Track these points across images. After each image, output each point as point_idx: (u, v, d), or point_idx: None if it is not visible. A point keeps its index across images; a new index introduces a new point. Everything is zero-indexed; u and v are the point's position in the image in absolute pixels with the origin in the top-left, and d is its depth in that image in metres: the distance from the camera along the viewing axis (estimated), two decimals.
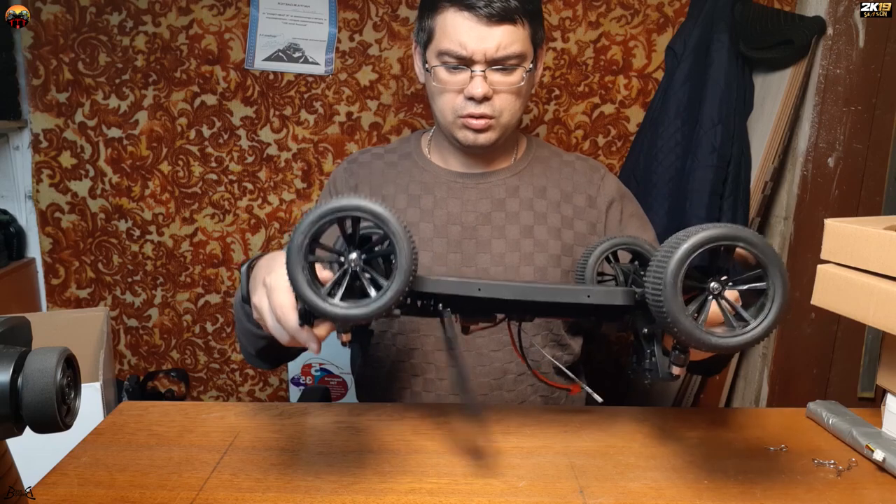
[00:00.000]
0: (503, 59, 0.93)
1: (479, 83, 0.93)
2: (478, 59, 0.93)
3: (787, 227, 1.76)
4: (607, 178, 1.08)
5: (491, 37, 0.92)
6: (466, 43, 0.92)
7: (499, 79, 0.95)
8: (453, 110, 0.98)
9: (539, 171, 1.07)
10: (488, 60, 0.93)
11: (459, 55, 0.93)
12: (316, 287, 0.57)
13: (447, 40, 0.94)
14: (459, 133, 0.99)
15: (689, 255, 0.55)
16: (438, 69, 0.96)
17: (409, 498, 0.67)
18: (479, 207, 1.03)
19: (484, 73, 0.93)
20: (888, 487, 0.70)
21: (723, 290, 0.58)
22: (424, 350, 1.01)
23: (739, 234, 0.55)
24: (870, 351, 1.74)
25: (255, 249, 1.97)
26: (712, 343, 0.56)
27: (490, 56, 0.93)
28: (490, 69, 0.94)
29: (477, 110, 0.95)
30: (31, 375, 0.48)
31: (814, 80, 1.67)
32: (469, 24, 0.92)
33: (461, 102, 0.96)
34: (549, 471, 0.72)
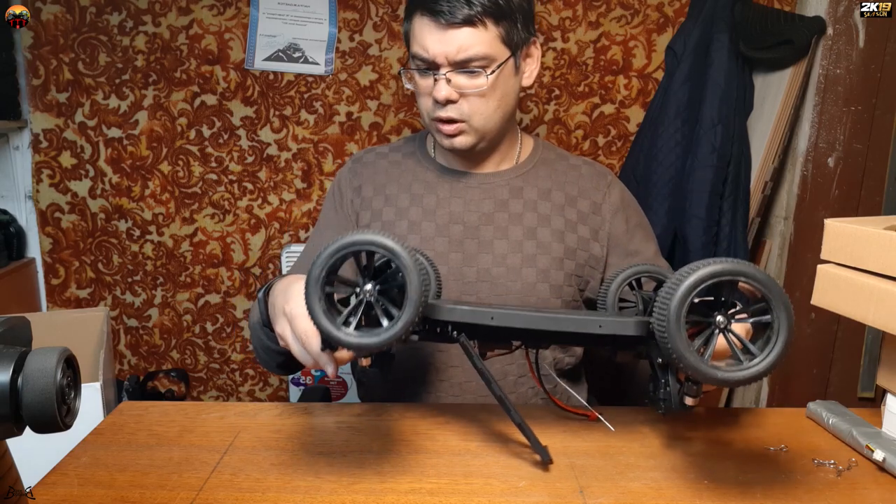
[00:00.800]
0: (465, 61, 0.94)
1: (441, 86, 0.95)
2: (440, 63, 0.94)
3: (787, 227, 1.76)
4: (614, 185, 1.08)
5: (451, 40, 0.93)
6: (428, 46, 0.94)
7: (464, 82, 0.96)
8: (427, 113, 1.00)
9: (544, 173, 1.06)
10: (451, 63, 0.94)
11: (424, 58, 0.95)
12: (332, 317, 0.60)
13: (416, 44, 0.96)
14: (437, 136, 1.02)
15: (690, 293, 0.56)
16: (412, 73, 0.99)
17: (409, 498, 0.67)
18: (482, 207, 1.03)
19: (446, 76, 0.95)
20: (888, 487, 0.70)
21: (729, 324, 0.59)
22: (424, 352, 1.01)
23: (741, 270, 0.56)
24: (870, 351, 1.74)
25: (255, 250, 1.97)
26: (718, 378, 0.58)
27: (451, 59, 0.94)
28: (455, 72, 0.95)
29: (444, 114, 0.97)
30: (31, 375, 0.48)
31: (814, 80, 1.67)
32: (431, 28, 0.94)
33: (432, 105, 0.98)
34: (549, 471, 0.72)
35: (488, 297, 1.00)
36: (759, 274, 0.56)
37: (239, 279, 1.99)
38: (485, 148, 1.03)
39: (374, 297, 0.61)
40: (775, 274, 1.80)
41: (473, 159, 1.05)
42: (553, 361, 1.03)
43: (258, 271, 1.99)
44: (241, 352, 2.04)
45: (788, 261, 1.74)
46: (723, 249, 1.61)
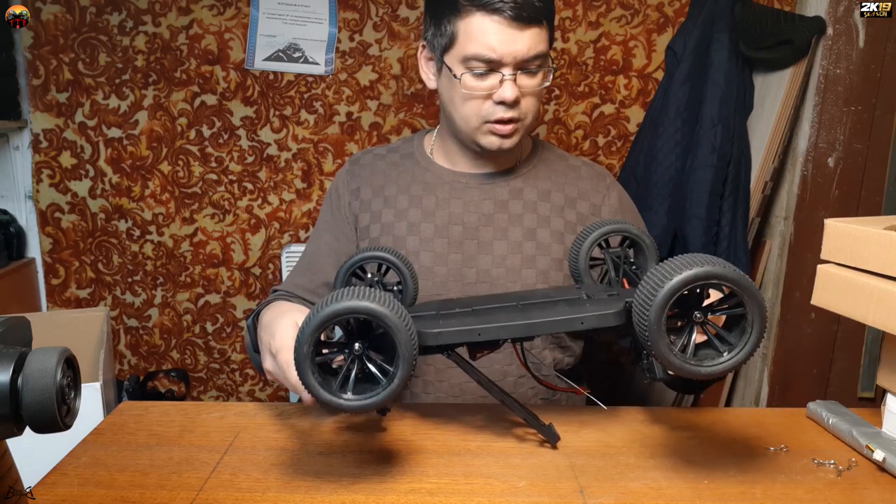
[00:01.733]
0: (531, 60, 0.93)
1: (510, 87, 0.92)
2: (507, 63, 0.92)
3: (787, 227, 1.76)
4: (613, 187, 1.07)
5: (520, 40, 0.91)
6: (496, 46, 0.91)
7: (525, 81, 0.94)
8: (480, 116, 0.96)
9: (544, 174, 1.06)
10: (517, 64, 0.92)
11: (489, 59, 0.92)
12: (328, 384, 0.61)
13: (474, 44, 0.92)
14: (484, 139, 0.98)
15: (667, 302, 0.58)
16: (466, 77, 0.94)
17: (409, 498, 0.67)
18: (482, 208, 1.03)
19: (514, 76, 0.93)
20: (888, 487, 0.70)
21: (705, 318, 0.61)
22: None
23: (713, 273, 0.58)
24: (870, 351, 1.74)
25: (255, 250, 1.97)
26: (702, 373, 0.60)
27: (520, 59, 0.92)
28: (518, 72, 0.93)
29: (506, 115, 0.94)
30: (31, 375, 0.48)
31: (814, 80, 1.67)
32: (498, 28, 0.90)
33: (489, 108, 0.95)
34: (549, 471, 0.72)
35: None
36: (730, 273, 0.58)
37: (239, 279, 1.99)
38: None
39: (366, 355, 0.62)
40: (775, 274, 1.80)
41: (484, 159, 1.04)
42: (552, 362, 1.03)
43: (258, 271, 1.99)
44: (241, 352, 2.04)
45: (788, 261, 1.74)
46: (723, 249, 1.61)
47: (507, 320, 0.68)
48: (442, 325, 0.69)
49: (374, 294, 0.60)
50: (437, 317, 0.72)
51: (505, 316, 0.70)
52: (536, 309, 0.71)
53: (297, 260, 1.92)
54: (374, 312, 0.59)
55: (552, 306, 0.72)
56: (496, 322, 0.68)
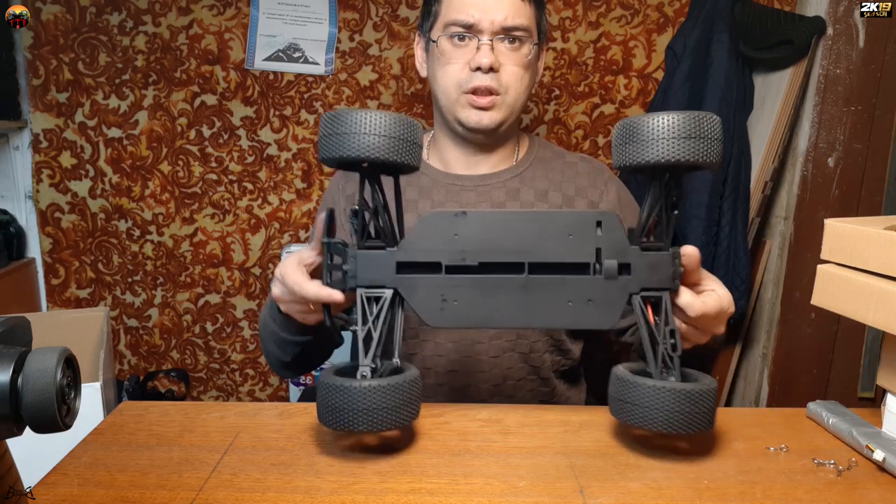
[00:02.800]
0: (511, 28, 0.93)
1: (486, 52, 0.92)
2: (485, 28, 0.92)
3: (787, 227, 1.76)
4: (611, 182, 1.06)
5: (499, 6, 0.92)
6: (472, 11, 0.92)
7: (506, 51, 0.94)
8: (458, 85, 0.95)
9: (541, 173, 1.05)
10: (495, 30, 0.92)
11: (466, 23, 0.92)
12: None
13: (454, 11, 0.93)
14: (463, 113, 0.97)
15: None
16: (443, 40, 0.95)
17: (409, 498, 0.67)
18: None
19: (491, 42, 0.93)
20: (888, 487, 0.70)
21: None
22: (423, 355, 1.00)
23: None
24: (870, 351, 1.74)
25: (255, 249, 1.97)
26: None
27: (498, 24, 0.92)
28: (497, 40, 0.93)
29: (483, 82, 0.93)
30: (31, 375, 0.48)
31: (814, 80, 1.67)
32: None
33: (466, 75, 0.94)
34: (549, 471, 0.72)
35: None
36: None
37: (239, 279, 1.99)
38: (498, 139, 1.02)
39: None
40: (775, 274, 1.80)
41: (477, 155, 1.04)
42: (551, 364, 1.03)
43: (258, 271, 1.99)
44: (241, 352, 2.04)
45: (788, 261, 1.74)
46: (723, 249, 1.61)
47: (507, 309, 0.69)
48: (445, 314, 0.69)
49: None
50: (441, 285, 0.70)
51: (506, 300, 0.69)
52: (540, 291, 0.69)
53: None
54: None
55: (558, 288, 0.69)
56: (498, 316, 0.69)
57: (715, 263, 1.62)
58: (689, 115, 0.62)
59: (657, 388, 0.65)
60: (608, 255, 0.68)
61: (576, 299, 0.69)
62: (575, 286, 0.69)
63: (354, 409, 0.64)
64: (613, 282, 0.69)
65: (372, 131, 0.64)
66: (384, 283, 0.70)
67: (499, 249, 0.69)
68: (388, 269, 0.70)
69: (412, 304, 0.70)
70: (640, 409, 0.66)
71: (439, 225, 0.69)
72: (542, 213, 0.71)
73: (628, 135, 0.65)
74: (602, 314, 0.69)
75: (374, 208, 0.70)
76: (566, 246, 0.69)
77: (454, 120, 0.99)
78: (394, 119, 0.65)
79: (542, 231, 0.69)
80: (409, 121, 0.67)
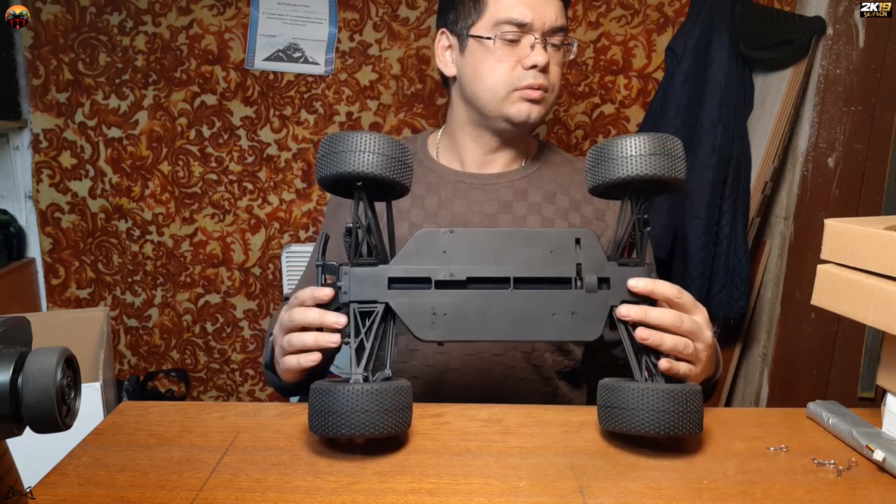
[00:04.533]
0: (558, 29, 0.96)
1: (541, 51, 0.94)
2: (537, 28, 0.94)
3: (787, 227, 1.76)
4: None
5: (550, 6, 0.95)
6: (528, 10, 0.94)
7: (552, 50, 0.97)
8: (509, 83, 0.96)
9: (549, 176, 1.05)
10: (546, 30, 0.95)
11: (521, 22, 0.94)
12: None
13: (506, 9, 0.94)
14: (513, 108, 0.97)
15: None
16: (495, 41, 0.96)
17: (409, 498, 0.67)
18: (486, 209, 1.02)
19: (544, 42, 0.95)
20: (888, 487, 0.70)
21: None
22: (424, 352, 1.01)
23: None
24: (870, 351, 1.74)
25: (255, 250, 1.97)
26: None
27: (549, 25, 0.95)
28: (546, 39, 0.96)
29: (536, 81, 0.95)
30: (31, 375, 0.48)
31: (814, 80, 1.67)
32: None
33: (519, 73, 0.96)
34: (549, 471, 0.72)
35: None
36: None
37: (239, 279, 1.99)
38: (522, 135, 1.04)
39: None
40: (775, 274, 1.80)
41: (491, 155, 1.04)
42: (552, 364, 1.03)
43: (258, 271, 1.99)
44: (241, 352, 2.04)
45: (788, 261, 1.74)
46: (723, 249, 1.61)
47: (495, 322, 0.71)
48: (434, 327, 0.71)
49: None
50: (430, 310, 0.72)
51: (494, 314, 0.71)
52: (525, 304, 0.72)
53: (296, 259, 1.93)
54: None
55: (542, 301, 0.72)
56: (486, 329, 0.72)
57: (715, 263, 1.62)
58: (654, 136, 0.68)
59: (641, 388, 0.67)
60: (588, 271, 0.72)
61: (560, 311, 0.72)
62: (558, 299, 0.72)
63: (341, 411, 0.66)
64: (594, 295, 0.72)
65: (368, 149, 0.67)
66: (376, 298, 0.72)
67: (485, 265, 0.73)
68: (380, 285, 0.72)
69: (403, 317, 0.72)
70: (626, 412, 0.68)
71: (429, 242, 0.73)
72: (525, 231, 0.74)
73: (600, 157, 0.70)
74: (586, 326, 0.72)
75: (367, 226, 0.72)
76: (548, 262, 0.73)
77: (499, 116, 0.99)
78: (388, 140, 0.69)
79: (526, 248, 0.73)
80: (401, 143, 0.70)
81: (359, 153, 0.67)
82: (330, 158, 0.68)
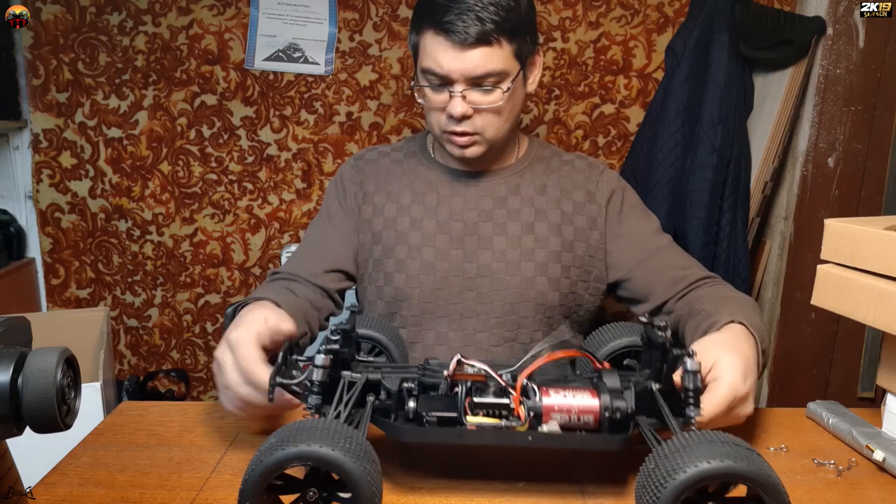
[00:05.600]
0: (481, 77, 0.95)
1: (457, 103, 0.95)
2: (456, 79, 0.95)
3: (787, 227, 1.76)
4: (606, 172, 1.09)
5: (468, 58, 0.93)
6: (442, 63, 0.94)
7: (479, 98, 0.96)
8: (440, 126, 1.00)
9: (540, 169, 1.08)
10: (466, 80, 0.95)
11: (438, 74, 0.95)
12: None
13: (428, 59, 0.96)
14: (448, 146, 1.02)
15: (680, 495, 0.52)
16: (425, 88, 0.99)
17: (409, 498, 0.67)
18: (481, 205, 1.05)
19: (463, 92, 0.95)
20: (888, 487, 0.70)
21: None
22: (426, 344, 1.02)
23: (733, 470, 0.51)
24: (870, 351, 1.74)
25: (255, 249, 1.97)
26: None
27: (468, 76, 0.94)
28: (470, 88, 0.96)
29: (458, 128, 0.97)
30: (31, 375, 0.48)
31: (814, 80, 1.67)
32: (444, 46, 0.93)
33: (444, 120, 0.98)
34: (549, 471, 0.72)
35: (488, 293, 1.01)
36: (752, 470, 0.52)
37: (239, 279, 1.99)
38: (489, 156, 1.05)
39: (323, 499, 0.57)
40: (775, 274, 1.80)
41: (475, 160, 1.06)
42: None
43: (258, 271, 1.99)
44: None
45: (788, 261, 1.74)
46: (723, 249, 1.61)
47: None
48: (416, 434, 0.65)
49: (345, 437, 0.54)
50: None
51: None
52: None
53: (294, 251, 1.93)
54: (333, 461, 0.52)
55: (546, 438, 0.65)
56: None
57: (715, 263, 1.62)
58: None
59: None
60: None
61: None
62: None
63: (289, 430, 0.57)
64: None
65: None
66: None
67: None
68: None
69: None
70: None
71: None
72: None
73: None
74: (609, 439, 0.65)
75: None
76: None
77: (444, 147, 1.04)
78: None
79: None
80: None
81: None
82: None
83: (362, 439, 0.56)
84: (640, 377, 0.70)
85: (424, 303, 1.02)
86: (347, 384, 0.66)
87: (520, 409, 0.64)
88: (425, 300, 1.02)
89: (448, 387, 0.66)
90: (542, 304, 1.01)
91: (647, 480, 0.54)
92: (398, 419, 0.67)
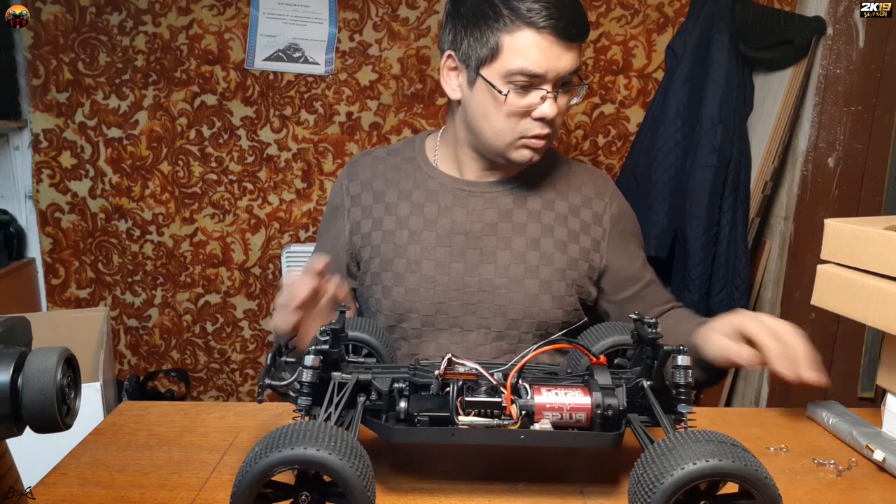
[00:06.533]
0: (571, 75, 0.93)
1: (551, 105, 0.91)
2: (550, 79, 0.91)
3: (787, 227, 1.76)
4: (615, 196, 1.07)
5: (565, 57, 0.91)
6: (542, 62, 0.89)
7: (562, 100, 0.94)
8: (516, 132, 0.94)
9: (548, 182, 1.05)
10: (559, 80, 0.92)
11: (534, 74, 0.90)
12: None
13: (520, 59, 0.90)
14: (516, 153, 0.96)
15: (673, 495, 0.53)
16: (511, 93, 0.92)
17: (409, 498, 0.67)
18: (485, 217, 1.01)
19: (556, 94, 0.92)
20: (888, 487, 0.70)
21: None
22: (426, 356, 1.00)
23: (724, 469, 0.52)
24: (870, 351, 1.74)
25: (255, 250, 1.97)
26: None
27: (562, 75, 0.91)
28: (559, 89, 0.93)
29: (543, 131, 0.93)
30: (31, 375, 0.48)
31: (814, 80, 1.67)
32: (546, 44, 0.89)
33: (526, 124, 0.93)
34: (549, 471, 0.72)
35: (490, 308, 0.98)
36: (741, 468, 0.53)
37: (239, 279, 1.99)
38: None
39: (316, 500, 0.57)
40: (775, 274, 1.80)
41: (492, 168, 1.03)
42: (551, 362, 1.03)
43: (258, 271, 1.99)
44: (241, 352, 2.04)
45: (788, 261, 1.74)
46: (723, 249, 1.61)
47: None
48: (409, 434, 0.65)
49: (329, 435, 0.54)
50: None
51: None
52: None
53: (296, 259, 1.93)
54: (328, 465, 0.53)
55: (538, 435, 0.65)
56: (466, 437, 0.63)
57: (715, 263, 1.62)
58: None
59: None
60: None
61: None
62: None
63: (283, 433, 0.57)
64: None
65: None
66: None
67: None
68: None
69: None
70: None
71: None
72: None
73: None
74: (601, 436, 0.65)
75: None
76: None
77: (500, 157, 0.98)
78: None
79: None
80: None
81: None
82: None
83: (348, 436, 0.56)
84: (631, 374, 0.70)
85: (425, 316, 0.99)
86: (338, 385, 0.66)
87: (511, 407, 0.64)
88: (426, 313, 0.99)
89: (439, 386, 0.66)
90: (544, 321, 0.99)
91: (637, 486, 0.55)
92: (389, 420, 0.67)
